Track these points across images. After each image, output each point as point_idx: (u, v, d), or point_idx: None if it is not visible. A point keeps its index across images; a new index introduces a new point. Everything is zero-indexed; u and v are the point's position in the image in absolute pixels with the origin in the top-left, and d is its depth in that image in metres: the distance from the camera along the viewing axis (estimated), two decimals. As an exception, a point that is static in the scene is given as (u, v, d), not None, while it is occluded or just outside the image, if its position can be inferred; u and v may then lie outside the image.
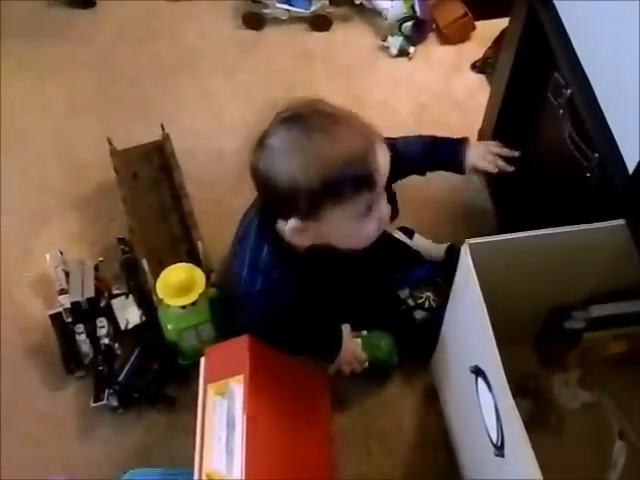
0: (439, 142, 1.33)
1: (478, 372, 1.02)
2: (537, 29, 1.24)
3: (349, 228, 1.13)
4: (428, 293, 1.39)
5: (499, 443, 0.97)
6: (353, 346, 1.32)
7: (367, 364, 1.34)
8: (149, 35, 1.93)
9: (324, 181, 1.05)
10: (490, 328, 0.95)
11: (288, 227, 1.12)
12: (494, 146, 1.33)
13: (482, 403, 1.03)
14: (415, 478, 1.30)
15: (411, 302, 1.38)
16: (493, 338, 0.95)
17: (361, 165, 1.06)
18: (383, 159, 1.10)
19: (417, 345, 1.38)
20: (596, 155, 1.11)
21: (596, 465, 1.17)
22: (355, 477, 1.31)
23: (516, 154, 1.32)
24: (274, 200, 1.12)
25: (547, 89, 1.25)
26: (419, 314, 1.38)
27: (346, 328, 1.33)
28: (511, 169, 1.31)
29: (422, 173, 1.35)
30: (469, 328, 1.06)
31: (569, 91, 1.17)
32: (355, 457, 1.33)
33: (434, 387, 1.37)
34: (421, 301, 1.38)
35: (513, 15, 1.39)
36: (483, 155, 1.31)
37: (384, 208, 1.15)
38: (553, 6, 1.22)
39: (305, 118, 1.09)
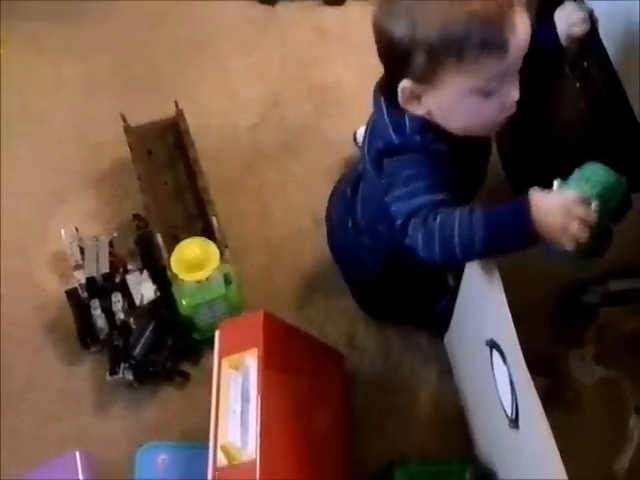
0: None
1: (493, 345, 1.02)
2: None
3: (468, 103, 1.00)
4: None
5: (514, 416, 0.97)
6: (550, 196, 0.90)
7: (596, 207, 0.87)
8: (165, 15, 1.92)
9: (446, 34, 0.93)
10: (505, 300, 0.94)
11: (401, 87, 1.01)
12: (570, 5, 1.16)
13: (497, 376, 1.02)
14: (430, 455, 1.29)
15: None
16: (508, 310, 0.94)
17: (494, 23, 0.92)
18: (522, 27, 0.95)
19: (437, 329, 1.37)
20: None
21: (612, 439, 1.16)
22: (369, 454, 1.30)
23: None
24: (390, 58, 1.01)
25: (562, 61, 1.23)
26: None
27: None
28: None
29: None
30: (484, 301, 1.05)
31: (585, 63, 1.16)
32: (369, 434, 1.32)
33: (448, 364, 1.37)
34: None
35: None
36: (569, 21, 1.14)
37: (513, 92, 1.01)
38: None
39: None
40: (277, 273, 1.51)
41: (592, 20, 1.14)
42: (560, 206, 0.87)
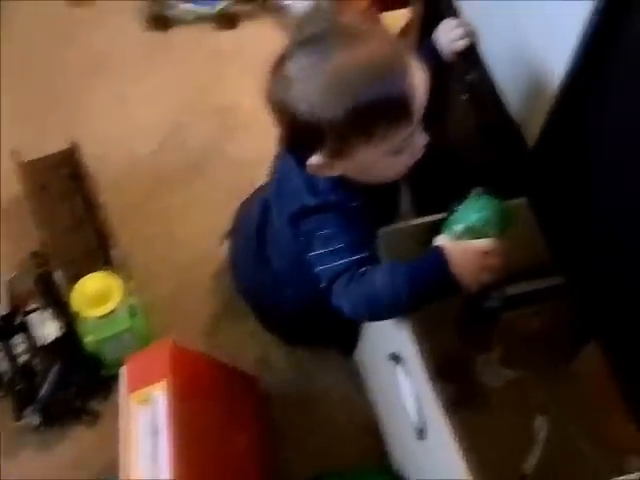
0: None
1: (396, 359, 1.04)
2: (436, 16, 1.26)
3: (380, 164, 0.99)
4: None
5: (420, 426, 0.99)
6: (462, 247, 0.94)
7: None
8: (55, 42, 1.89)
9: (352, 117, 0.90)
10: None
11: (310, 163, 0.98)
12: (450, 22, 1.19)
13: (402, 388, 1.04)
14: (348, 468, 1.30)
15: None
16: (408, 324, 0.96)
17: (399, 100, 0.91)
18: (421, 85, 0.93)
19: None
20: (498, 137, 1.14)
21: (521, 440, 1.19)
22: (290, 471, 1.31)
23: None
24: (295, 135, 0.98)
25: (451, 75, 1.27)
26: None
27: (438, 240, 0.98)
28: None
29: None
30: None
31: (470, 76, 1.20)
32: (289, 452, 1.33)
33: (362, 377, 1.38)
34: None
35: (414, 5, 1.41)
36: (450, 36, 1.17)
37: (422, 140, 1.00)
38: (449, -7, 1.25)
39: (324, 37, 0.93)
40: (185, 299, 1.50)
41: (471, 35, 1.18)
42: (474, 261, 0.92)
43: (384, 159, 0.98)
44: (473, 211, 0.96)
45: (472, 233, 0.95)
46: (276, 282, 1.28)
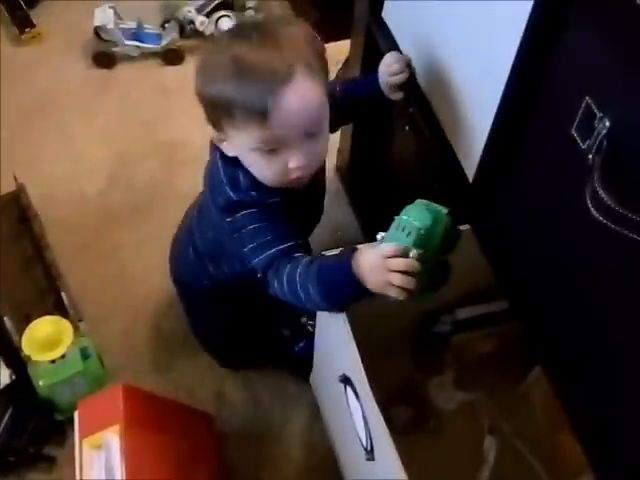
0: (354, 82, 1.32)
1: (346, 381, 1.05)
2: (376, 49, 1.29)
3: (252, 158, 1.04)
4: (303, 319, 1.40)
5: (369, 447, 1.00)
6: (371, 249, 0.91)
7: (416, 258, 0.87)
8: (0, 82, 1.87)
9: (217, 95, 0.98)
10: (352, 337, 0.97)
11: (212, 135, 1.08)
12: (389, 57, 1.21)
13: (352, 411, 1.06)
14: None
15: (286, 332, 1.39)
16: (355, 347, 0.97)
17: (259, 94, 0.95)
18: (296, 103, 0.96)
19: (299, 370, 1.40)
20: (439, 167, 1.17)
21: (472, 461, 1.22)
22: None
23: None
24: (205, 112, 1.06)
25: (393, 107, 1.30)
26: (298, 342, 1.40)
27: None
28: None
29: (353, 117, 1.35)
30: (335, 339, 1.09)
31: (411, 109, 1.23)
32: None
33: (318, 405, 1.39)
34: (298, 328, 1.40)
35: (353, 37, 1.44)
36: (389, 71, 1.19)
37: (294, 157, 1.01)
38: (386, 26, 1.28)
39: (242, 27, 1.05)
40: (139, 337, 1.50)
41: (410, 68, 1.21)
42: (377, 263, 0.88)
43: (255, 154, 1.02)
44: (399, 229, 0.90)
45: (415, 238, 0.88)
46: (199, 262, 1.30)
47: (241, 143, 1.02)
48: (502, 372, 1.31)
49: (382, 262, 0.87)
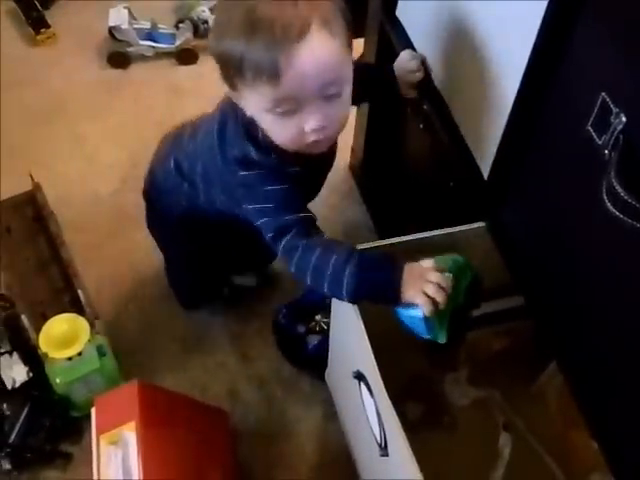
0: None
1: (360, 377, 1.06)
2: (390, 48, 1.29)
3: (266, 120, 0.99)
4: (317, 316, 1.41)
5: (383, 444, 1.01)
6: (417, 264, 0.98)
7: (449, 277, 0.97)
8: (13, 83, 1.89)
9: (228, 51, 0.92)
10: (364, 333, 0.98)
11: (225, 91, 1.03)
12: (405, 54, 1.22)
13: (366, 407, 1.06)
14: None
15: (301, 329, 1.40)
16: (368, 343, 0.97)
17: (270, 51, 0.89)
18: (310, 62, 0.90)
19: (314, 367, 1.41)
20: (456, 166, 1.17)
21: (486, 457, 1.22)
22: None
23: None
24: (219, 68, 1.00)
25: (407, 105, 1.30)
26: (312, 339, 1.41)
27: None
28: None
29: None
30: (349, 336, 1.09)
31: (425, 107, 1.23)
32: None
33: (332, 405, 1.39)
34: (312, 325, 1.41)
35: (367, 35, 1.44)
36: (406, 68, 1.21)
37: (310, 120, 0.97)
38: (400, 25, 1.29)
39: None
40: (154, 335, 1.50)
41: (426, 68, 1.21)
42: (419, 272, 0.96)
43: (268, 115, 0.97)
44: (439, 258, 1.01)
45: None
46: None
47: (255, 104, 0.98)
48: (516, 369, 1.31)
49: (423, 271, 0.95)
